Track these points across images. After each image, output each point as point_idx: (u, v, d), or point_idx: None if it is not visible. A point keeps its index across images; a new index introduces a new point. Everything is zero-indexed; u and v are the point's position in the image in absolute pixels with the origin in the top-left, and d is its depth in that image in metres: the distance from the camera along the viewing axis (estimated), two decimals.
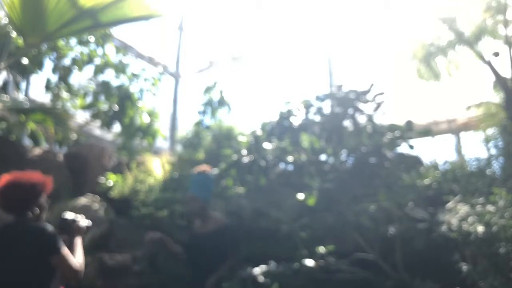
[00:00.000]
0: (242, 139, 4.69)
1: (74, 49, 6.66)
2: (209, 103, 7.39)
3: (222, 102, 7.41)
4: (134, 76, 7.20)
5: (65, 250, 2.30)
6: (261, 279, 3.07)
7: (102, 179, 4.85)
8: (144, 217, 4.26)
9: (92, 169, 5.21)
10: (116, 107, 6.80)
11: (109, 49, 7.04)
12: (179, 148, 6.46)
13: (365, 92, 4.04)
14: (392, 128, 3.74)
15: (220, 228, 3.32)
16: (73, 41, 6.59)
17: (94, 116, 6.84)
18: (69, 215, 2.57)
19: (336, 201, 3.49)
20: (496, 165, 3.80)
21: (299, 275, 3.21)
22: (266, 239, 3.72)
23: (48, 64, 6.57)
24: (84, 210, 4.10)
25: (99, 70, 6.88)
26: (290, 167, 4.21)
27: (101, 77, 6.95)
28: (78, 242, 2.50)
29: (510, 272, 1.87)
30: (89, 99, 6.83)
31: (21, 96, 6.07)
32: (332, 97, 4.24)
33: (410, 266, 3.19)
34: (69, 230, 2.51)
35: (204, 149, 5.18)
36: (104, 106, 6.82)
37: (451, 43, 5.45)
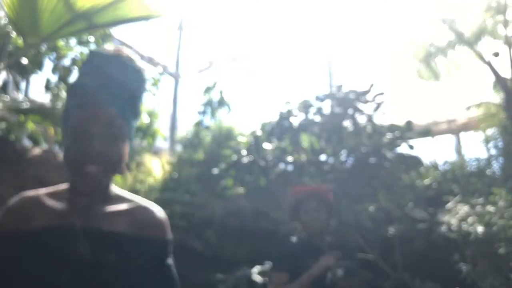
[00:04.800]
0: (242, 139, 4.68)
1: (74, 49, 6.65)
2: (209, 103, 7.38)
3: (222, 102, 7.40)
4: None
5: None
6: (258, 278, 3.07)
7: None
8: None
9: None
10: None
11: None
12: (179, 148, 6.45)
13: (365, 93, 4.05)
14: (392, 128, 3.74)
15: None
16: (72, 41, 6.58)
17: None
18: None
19: (336, 201, 3.49)
20: (496, 165, 3.80)
21: None
22: (266, 239, 3.71)
23: (48, 64, 6.54)
24: None
25: None
26: (290, 167, 4.21)
27: None
28: None
29: (510, 272, 1.87)
30: None
31: (21, 96, 6.05)
32: (332, 98, 4.25)
33: (410, 266, 3.19)
34: None
35: (204, 149, 5.18)
36: None
37: (451, 43, 5.43)
